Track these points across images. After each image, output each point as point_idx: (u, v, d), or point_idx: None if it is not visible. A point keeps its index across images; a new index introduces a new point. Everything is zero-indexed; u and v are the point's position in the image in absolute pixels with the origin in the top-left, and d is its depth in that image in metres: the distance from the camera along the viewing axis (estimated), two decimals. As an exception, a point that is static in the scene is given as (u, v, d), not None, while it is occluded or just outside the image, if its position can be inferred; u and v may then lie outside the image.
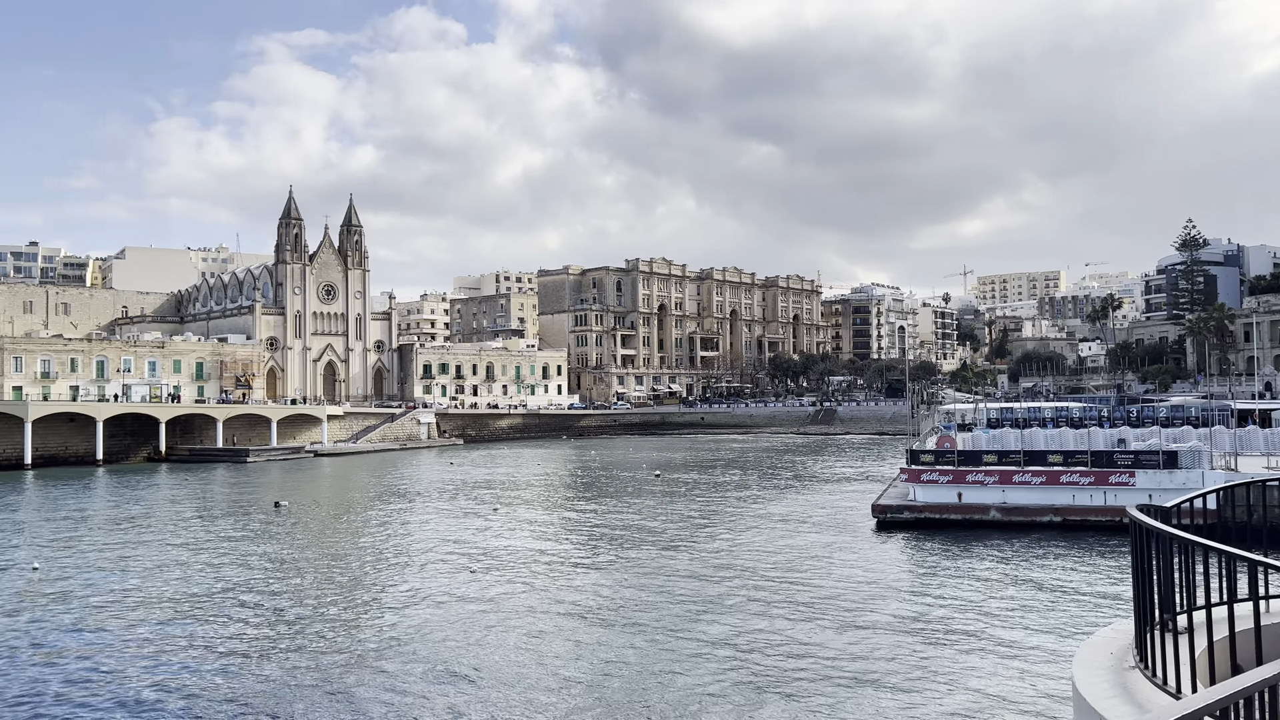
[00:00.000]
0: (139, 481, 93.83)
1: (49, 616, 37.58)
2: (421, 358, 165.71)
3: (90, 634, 34.83)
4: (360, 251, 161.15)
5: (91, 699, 27.80)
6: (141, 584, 43.49)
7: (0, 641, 33.79)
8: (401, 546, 53.53)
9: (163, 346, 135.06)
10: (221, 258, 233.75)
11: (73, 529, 61.31)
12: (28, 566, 47.70)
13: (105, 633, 34.95)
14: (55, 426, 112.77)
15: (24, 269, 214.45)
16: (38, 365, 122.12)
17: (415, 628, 34.93)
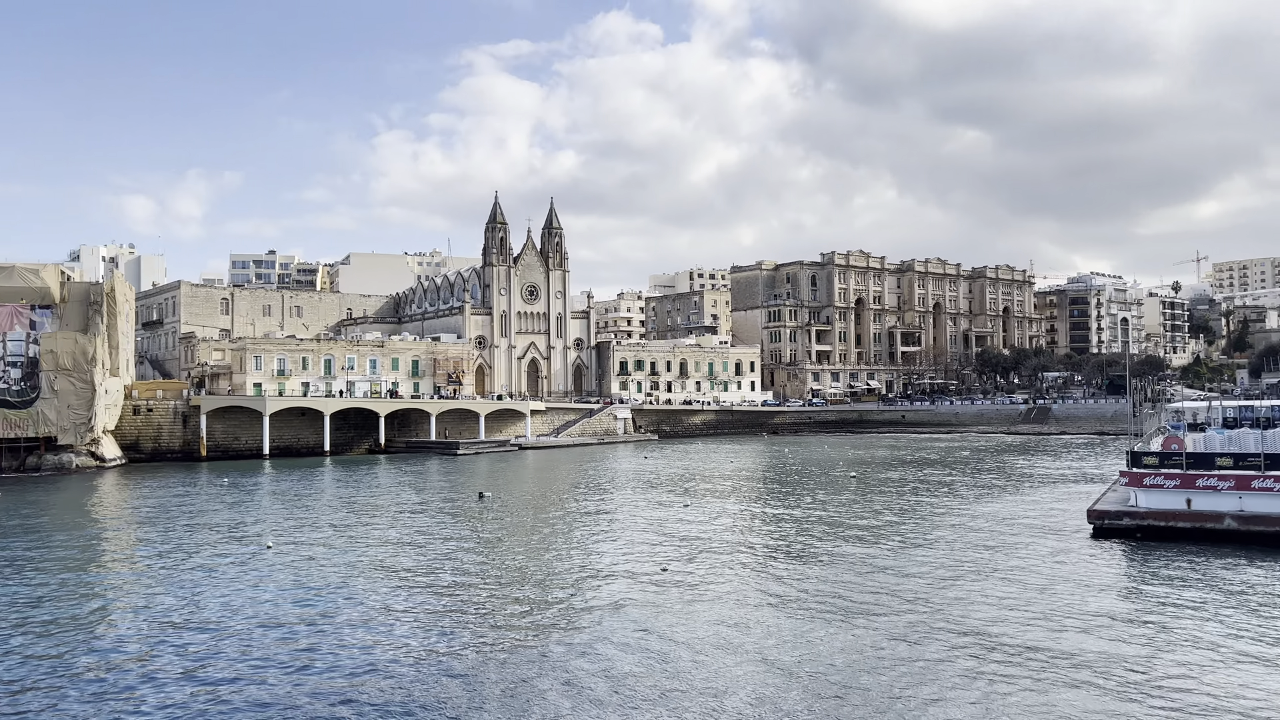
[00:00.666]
0: (361, 472, 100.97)
1: (278, 590, 40.97)
2: (618, 355, 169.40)
3: (312, 607, 37.67)
4: (560, 253, 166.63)
5: (312, 665, 30.02)
6: (359, 565, 46.67)
7: (237, 610, 37.17)
8: (598, 537, 54.78)
9: (382, 345, 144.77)
10: (435, 261, 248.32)
11: (304, 513, 66.72)
12: (263, 545, 52.30)
13: (326, 606, 37.68)
14: (289, 420, 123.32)
15: (264, 275, 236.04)
16: (274, 363, 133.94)
17: (611, 615, 35.57)
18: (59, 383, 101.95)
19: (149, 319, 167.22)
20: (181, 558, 49.78)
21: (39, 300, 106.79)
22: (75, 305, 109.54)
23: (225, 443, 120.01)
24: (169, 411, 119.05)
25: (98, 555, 52.52)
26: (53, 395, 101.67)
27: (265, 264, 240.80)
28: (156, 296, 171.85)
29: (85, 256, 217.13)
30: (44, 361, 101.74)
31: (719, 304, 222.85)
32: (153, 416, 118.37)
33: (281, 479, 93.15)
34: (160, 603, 39.52)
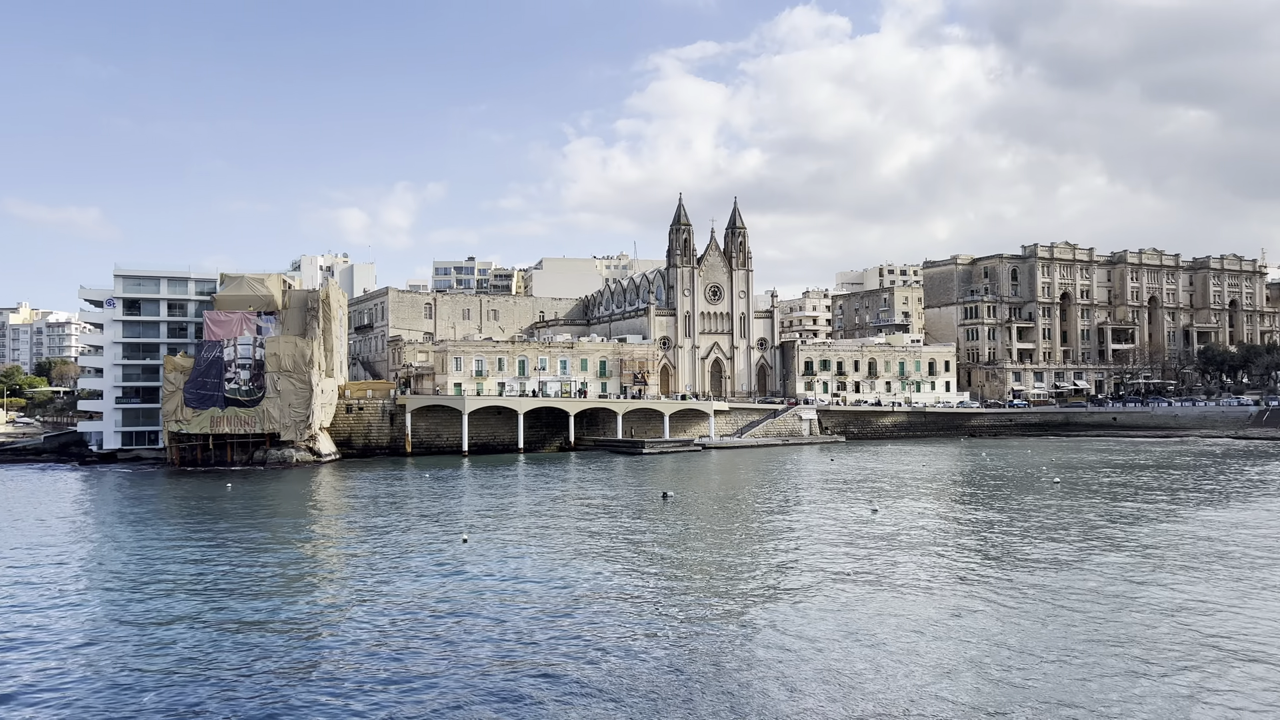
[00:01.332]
0: (552, 469, 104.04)
1: (469, 580, 42.62)
2: (803, 354, 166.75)
3: (506, 597, 38.91)
4: (744, 252, 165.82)
5: (505, 652, 30.95)
6: (549, 559, 47.88)
7: (429, 597, 38.93)
8: (782, 536, 53.85)
9: (571, 347, 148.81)
10: (622, 264, 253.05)
11: (499, 508, 69.33)
12: (459, 538, 54.63)
13: (518, 596, 38.83)
14: (486, 418, 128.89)
15: (464, 281, 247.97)
16: (472, 364, 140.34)
17: (793, 619, 34.76)
18: (281, 383, 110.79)
19: (360, 323, 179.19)
20: (388, 547, 52.75)
21: (264, 307, 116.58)
22: (295, 311, 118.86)
23: (428, 439, 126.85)
24: (378, 410, 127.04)
25: (314, 542, 56.46)
26: (276, 395, 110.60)
27: (465, 270, 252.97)
28: (367, 302, 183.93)
29: (305, 266, 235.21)
30: (268, 363, 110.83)
31: (910, 301, 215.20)
32: (363, 414, 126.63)
33: (479, 474, 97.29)
34: (370, 588, 41.97)
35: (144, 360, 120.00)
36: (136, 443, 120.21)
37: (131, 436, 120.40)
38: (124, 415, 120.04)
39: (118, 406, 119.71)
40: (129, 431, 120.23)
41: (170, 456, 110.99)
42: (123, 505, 75.66)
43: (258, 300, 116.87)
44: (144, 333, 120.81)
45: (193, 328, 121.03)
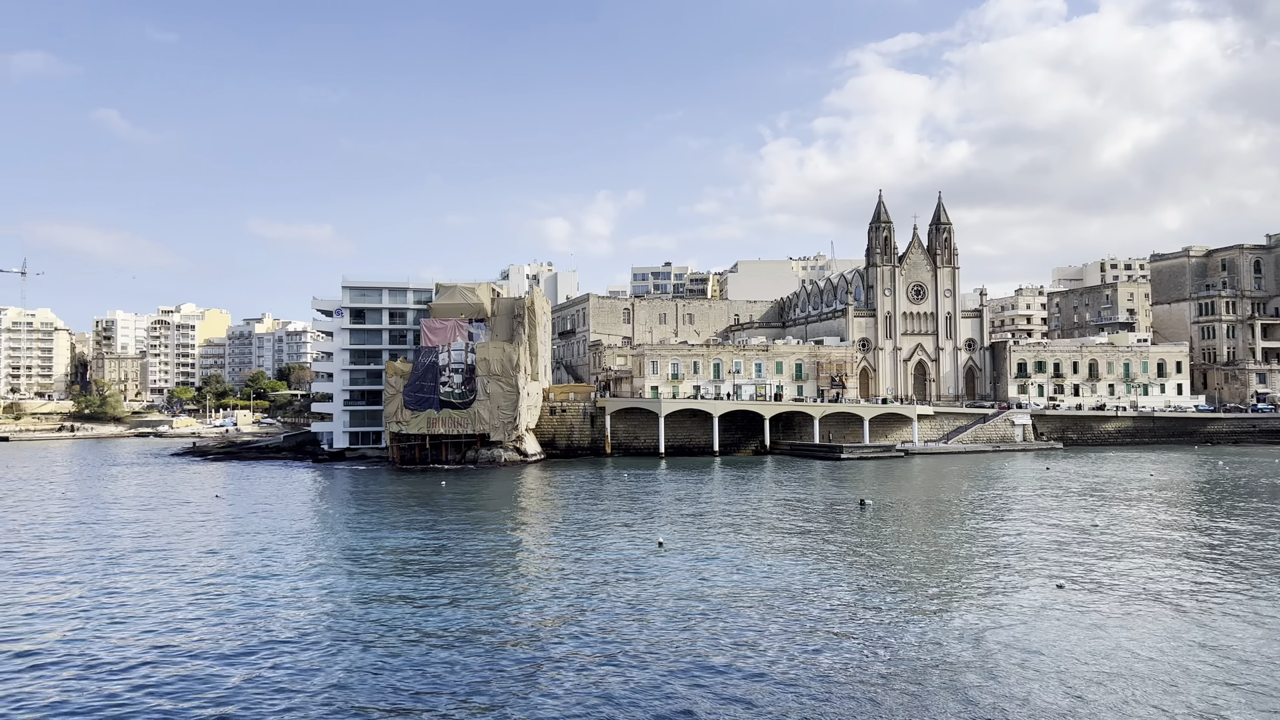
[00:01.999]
0: (747, 472, 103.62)
1: (663, 581, 43.03)
2: (1015, 356, 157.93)
3: (704, 602, 39.03)
4: (949, 249, 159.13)
5: (702, 657, 31.05)
6: (744, 564, 47.65)
7: (626, 596, 39.60)
8: (988, 553, 51.13)
9: (766, 349, 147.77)
10: (819, 265, 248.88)
11: (695, 510, 69.76)
12: (654, 542, 55.32)
13: (715, 600, 38.87)
14: (682, 420, 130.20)
15: (660, 286, 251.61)
16: (669, 368, 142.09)
17: (993, 638, 32.91)
18: (490, 386, 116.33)
19: (563, 329, 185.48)
20: (588, 544, 54.19)
21: (475, 315, 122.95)
22: (503, 318, 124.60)
23: (627, 441, 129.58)
24: (579, 412, 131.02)
25: (519, 538, 58.78)
26: (486, 397, 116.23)
27: (662, 275, 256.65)
28: (569, 308, 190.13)
29: (513, 275, 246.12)
30: (479, 368, 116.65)
31: (1136, 297, 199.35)
32: (566, 416, 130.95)
33: (675, 476, 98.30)
34: (570, 583, 43.27)
35: (368, 365, 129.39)
36: (362, 442, 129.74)
37: (358, 436, 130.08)
38: (351, 416, 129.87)
39: (345, 408, 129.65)
40: (355, 431, 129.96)
41: (391, 455, 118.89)
42: (350, 499, 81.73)
43: (469, 308, 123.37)
44: (368, 340, 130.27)
45: (411, 334, 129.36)
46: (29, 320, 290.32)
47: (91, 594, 43.12)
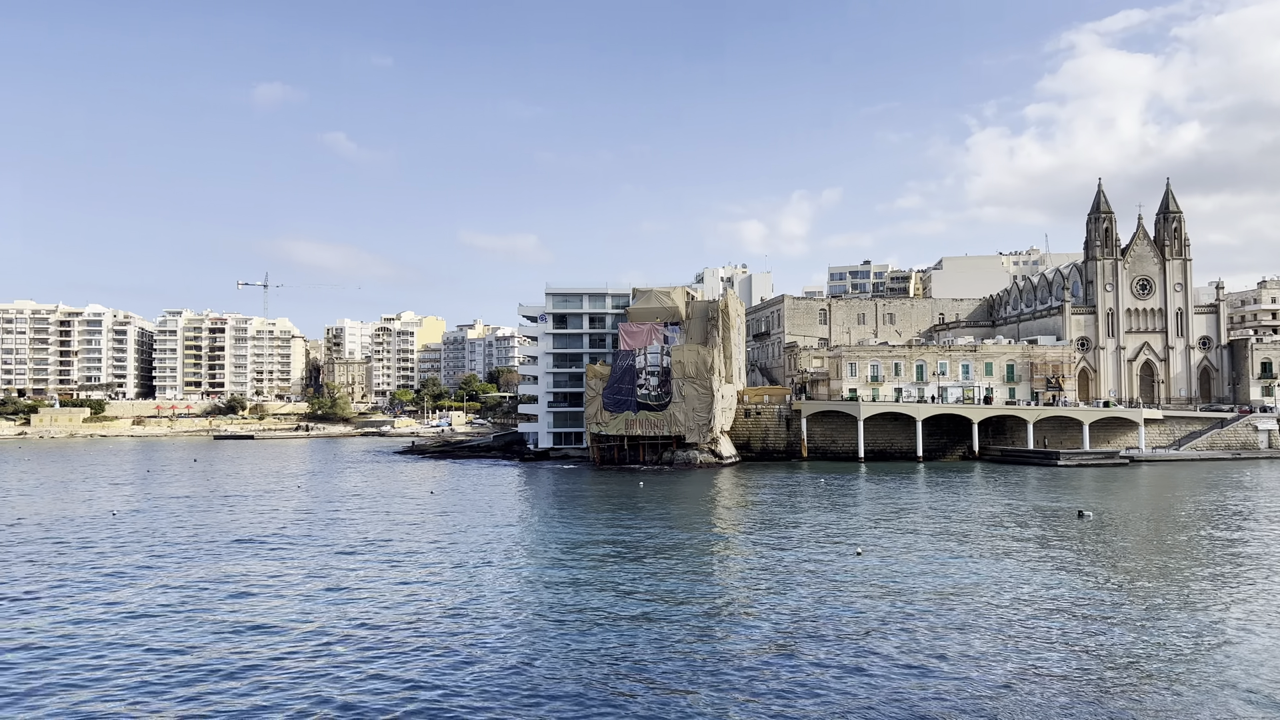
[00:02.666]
0: (953, 479, 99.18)
1: (868, 594, 41.74)
2: (1259, 354, 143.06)
3: (886, 610, 37.60)
4: (1179, 239, 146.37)
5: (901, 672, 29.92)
6: (947, 577, 45.55)
7: (823, 604, 38.69)
8: (1228, 566, 46.40)
9: (974, 350, 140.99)
10: (1031, 260, 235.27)
11: (895, 519, 67.48)
12: (851, 550, 53.85)
13: (918, 614, 37.35)
14: (882, 424, 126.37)
15: (859, 285, 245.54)
16: (868, 370, 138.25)
17: (1237, 652, 29.76)
18: (685, 389, 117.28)
19: (758, 331, 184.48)
20: (782, 551, 53.51)
21: (670, 318, 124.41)
22: (697, 321, 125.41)
23: (823, 444, 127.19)
24: (774, 415, 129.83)
25: (713, 540, 58.78)
26: (681, 400, 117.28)
27: (860, 274, 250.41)
28: (764, 310, 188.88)
29: (708, 278, 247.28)
30: (674, 370, 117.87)
31: None
32: (761, 420, 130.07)
33: (874, 482, 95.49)
34: (762, 590, 42.86)
35: (570, 369, 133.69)
36: (564, 442, 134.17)
37: (561, 436, 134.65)
38: (554, 417, 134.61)
39: (550, 410, 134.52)
40: (559, 432, 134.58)
41: (592, 455, 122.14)
42: (553, 497, 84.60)
43: (664, 312, 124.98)
44: (569, 344, 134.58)
45: (610, 338, 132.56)
46: (270, 329, 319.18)
47: (319, 574, 46.69)
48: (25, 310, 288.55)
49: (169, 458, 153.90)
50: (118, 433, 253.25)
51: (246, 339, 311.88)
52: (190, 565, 51.14)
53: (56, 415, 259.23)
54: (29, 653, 34.18)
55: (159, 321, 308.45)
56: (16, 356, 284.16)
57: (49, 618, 39.35)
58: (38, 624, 38.28)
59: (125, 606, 41.21)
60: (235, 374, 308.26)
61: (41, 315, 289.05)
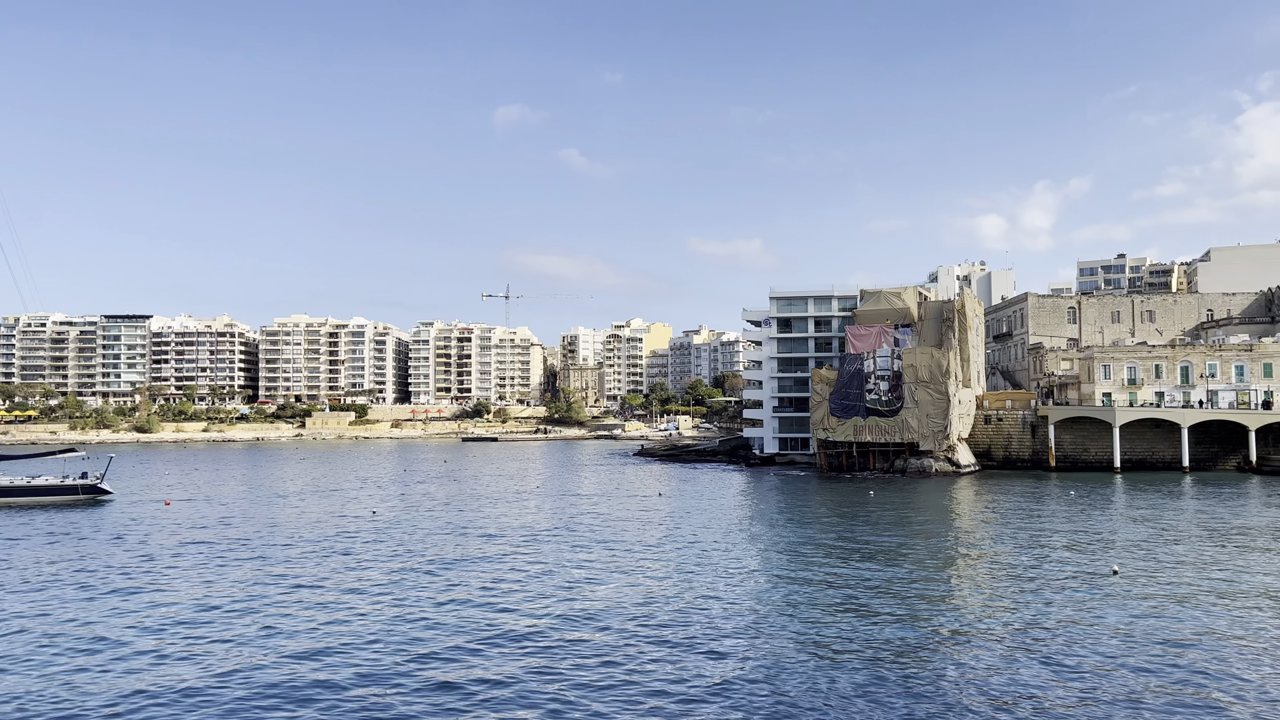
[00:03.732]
0: (1227, 493, 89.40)
1: (1127, 622, 38.26)
2: None
3: (1147, 643, 34.21)
4: None
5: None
6: (1210, 599, 41.03)
7: (1073, 628, 35.83)
8: None
9: (1250, 349, 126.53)
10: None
11: (1158, 536, 61.63)
12: (1108, 568, 49.63)
13: (1183, 650, 33.89)
14: (1140, 432, 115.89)
15: (1112, 281, 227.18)
16: (1123, 372, 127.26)
17: None
18: (918, 394, 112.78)
19: (998, 331, 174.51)
20: (1027, 570, 50.18)
21: (900, 320, 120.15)
22: (930, 323, 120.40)
23: (1073, 453, 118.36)
24: (1018, 421, 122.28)
25: (950, 555, 56.02)
26: (913, 405, 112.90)
27: (1113, 269, 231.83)
28: (1004, 310, 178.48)
29: (941, 277, 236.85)
30: (905, 375, 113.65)
31: None
32: (1002, 426, 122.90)
33: (1132, 495, 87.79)
34: (1004, 612, 40.34)
35: (795, 373, 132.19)
36: (790, 448, 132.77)
37: (786, 442, 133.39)
38: (780, 423, 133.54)
39: (775, 415, 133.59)
40: (784, 438, 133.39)
41: (819, 462, 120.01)
42: (779, 504, 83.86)
43: (894, 314, 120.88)
44: (794, 348, 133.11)
45: (837, 342, 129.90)
46: (511, 337, 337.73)
47: (557, 566, 48.61)
48: (300, 324, 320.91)
49: (422, 458, 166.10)
50: (378, 435, 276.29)
51: (490, 347, 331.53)
52: (440, 565, 54.71)
53: (327, 419, 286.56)
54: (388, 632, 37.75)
55: (413, 332, 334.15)
56: (294, 366, 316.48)
57: (379, 602, 43.33)
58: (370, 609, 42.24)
59: (394, 597, 44.69)
60: (480, 380, 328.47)
61: (314, 328, 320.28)
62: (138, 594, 45.66)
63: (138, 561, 54.73)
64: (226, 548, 59.80)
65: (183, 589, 46.83)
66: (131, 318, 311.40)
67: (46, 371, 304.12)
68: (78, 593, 46.10)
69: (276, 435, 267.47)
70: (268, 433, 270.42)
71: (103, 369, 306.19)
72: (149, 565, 53.56)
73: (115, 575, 50.59)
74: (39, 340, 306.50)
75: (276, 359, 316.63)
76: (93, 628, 38.88)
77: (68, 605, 43.26)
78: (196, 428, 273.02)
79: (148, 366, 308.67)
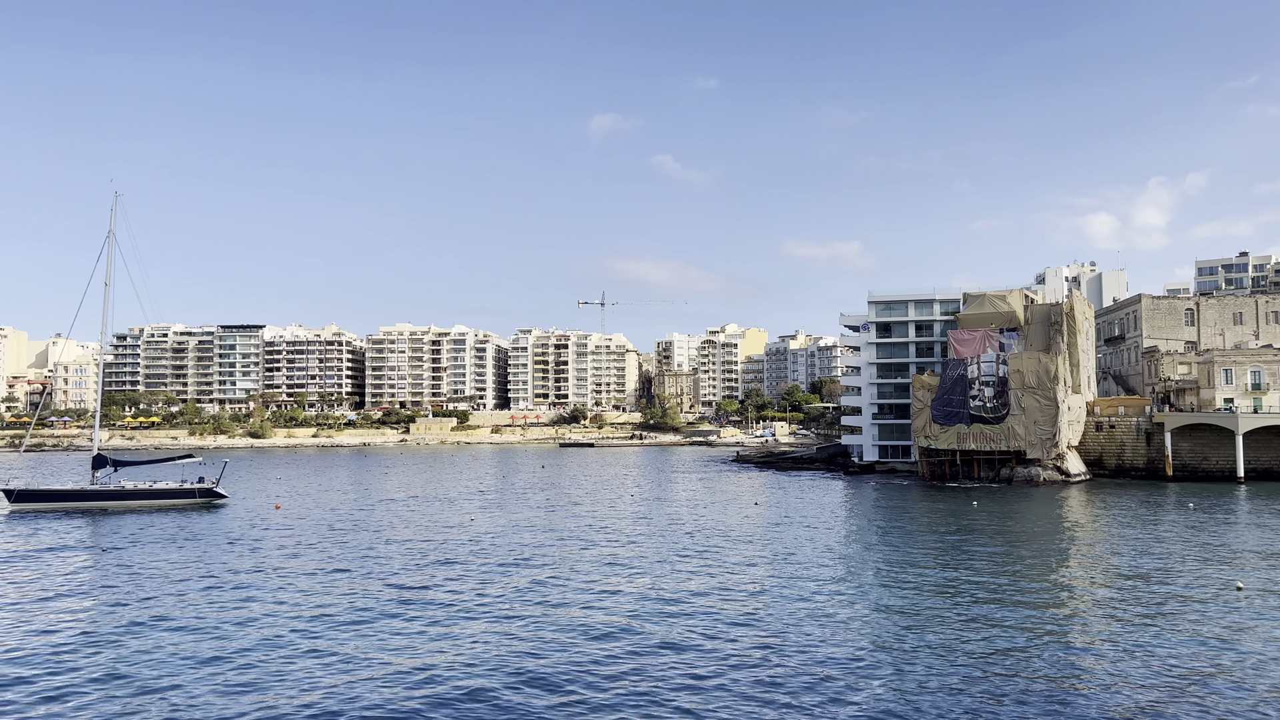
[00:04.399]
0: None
1: (1250, 638, 36.28)
2: None
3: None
4: None
5: None
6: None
7: (1205, 650, 34.12)
8: None
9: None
10: None
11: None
12: (1232, 585, 47.17)
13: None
14: (1266, 440, 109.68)
15: (1234, 280, 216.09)
16: (1247, 377, 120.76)
17: None
18: (1025, 400, 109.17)
19: (1110, 335, 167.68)
20: (1140, 587, 48.06)
21: (1005, 324, 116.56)
22: (1037, 326, 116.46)
23: (1192, 462, 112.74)
24: (1131, 428, 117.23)
25: (1059, 572, 54.00)
26: (1020, 412, 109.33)
27: (1235, 268, 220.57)
28: (1117, 312, 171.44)
29: (1049, 279, 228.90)
30: (1011, 380, 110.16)
31: None
32: (1115, 433, 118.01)
33: (1259, 506, 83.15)
34: (1119, 626, 38.72)
35: (895, 379, 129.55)
36: (891, 455, 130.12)
37: (886, 450, 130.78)
38: (879, 430, 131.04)
39: (874, 422, 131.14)
40: (884, 445, 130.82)
41: (921, 470, 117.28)
42: (880, 515, 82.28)
43: (999, 317, 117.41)
44: (894, 353, 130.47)
45: (938, 346, 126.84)
46: (607, 344, 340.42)
47: (650, 581, 48.68)
48: (405, 333, 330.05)
49: (521, 464, 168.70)
50: (479, 440, 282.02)
51: (586, 354, 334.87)
52: (539, 568, 55.43)
53: (430, 424, 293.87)
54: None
55: (511, 339, 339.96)
56: (398, 373, 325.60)
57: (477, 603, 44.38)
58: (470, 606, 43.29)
59: (489, 599, 45.53)
60: (577, 386, 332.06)
61: (417, 336, 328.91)
62: (253, 601, 47.51)
63: (249, 569, 56.95)
64: (335, 553, 61.80)
65: (289, 596, 48.54)
66: (246, 328, 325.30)
67: (168, 380, 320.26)
68: (203, 594, 48.28)
69: (382, 440, 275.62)
70: (373, 438, 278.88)
71: (219, 377, 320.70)
72: (258, 574, 55.70)
73: (227, 585, 52.76)
74: (161, 350, 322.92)
75: (382, 366, 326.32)
76: (201, 636, 40.61)
77: (189, 607, 45.33)
78: (306, 433, 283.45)
79: (261, 374, 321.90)
